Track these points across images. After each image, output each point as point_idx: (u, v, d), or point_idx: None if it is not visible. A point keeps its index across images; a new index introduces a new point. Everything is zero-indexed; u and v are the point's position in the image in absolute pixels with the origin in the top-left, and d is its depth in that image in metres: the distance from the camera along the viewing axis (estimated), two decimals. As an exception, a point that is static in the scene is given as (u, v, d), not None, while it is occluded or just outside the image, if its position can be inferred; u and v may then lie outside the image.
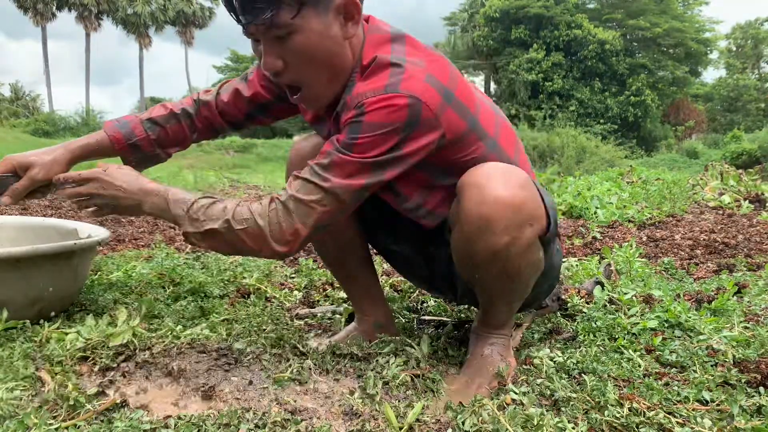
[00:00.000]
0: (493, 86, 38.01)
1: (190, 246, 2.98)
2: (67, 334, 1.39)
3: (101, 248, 2.74)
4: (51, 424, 0.94)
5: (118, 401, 1.07)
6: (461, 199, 1.21)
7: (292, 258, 2.89)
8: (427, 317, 1.86)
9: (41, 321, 1.50)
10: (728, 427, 1.09)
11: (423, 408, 1.16)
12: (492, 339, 1.40)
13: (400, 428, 1.06)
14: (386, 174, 1.18)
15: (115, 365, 1.33)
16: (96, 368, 1.31)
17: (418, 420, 1.11)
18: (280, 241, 1.19)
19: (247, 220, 1.19)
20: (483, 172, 1.20)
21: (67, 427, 0.94)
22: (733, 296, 1.94)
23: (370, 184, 1.18)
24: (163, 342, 1.43)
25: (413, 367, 1.35)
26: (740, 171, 7.60)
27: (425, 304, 2.00)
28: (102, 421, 1.00)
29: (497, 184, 1.17)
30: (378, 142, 1.15)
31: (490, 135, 1.30)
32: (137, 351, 1.39)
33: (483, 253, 1.21)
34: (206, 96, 1.55)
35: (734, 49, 40.58)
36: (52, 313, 1.58)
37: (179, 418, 1.04)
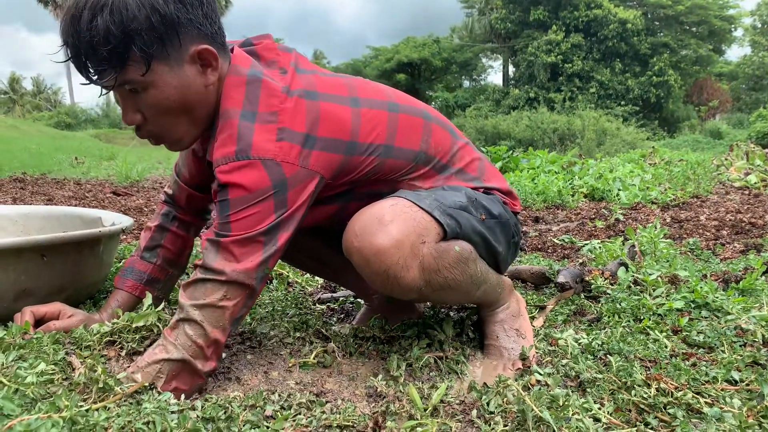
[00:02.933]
0: (511, 69, 37.59)
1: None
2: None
3: (125, 236, 2.78)
4: (82, 406, 0.96)
5: (146, 384, 1.08)
6: (354, 262, 1.16)
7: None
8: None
9: (69, 307, 1.52)
10: (758, 407, 1.07)
11: (447, 389, 1.16)
12: (498, 315, 1.40)
13: (425, 409, 1.06)
14: (279, 239, 1.13)
15: (141, 349, 1.35)
16: (123, 353, 1.32)
17: (442, 401, 1.11)
18: (205, 359, 1.12)
19: (164, 365, 1.10)
20: (351, 233, 1.14)
21: (97, 409, 0.96)
22: (761, 276, 1.91)
23: (269, 257, 1.13)
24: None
25: (436, 349, 1.35)
26: (767, 150, 7.44)
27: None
28: (131, 403, 1.01)
29: (366, 236, 1.11)
30: (255, 213, 1.10)
31: (380, 143, 1.24)
32: (163, 336, 1.40)
33: (405, 293, 1.18)
34: (171, 189, 1.52)
35: (759, 26, 39.51)
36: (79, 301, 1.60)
37: (206, 400, 1.05)
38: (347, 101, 1.22)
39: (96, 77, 1.10)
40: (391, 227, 1.11)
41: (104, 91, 1.13)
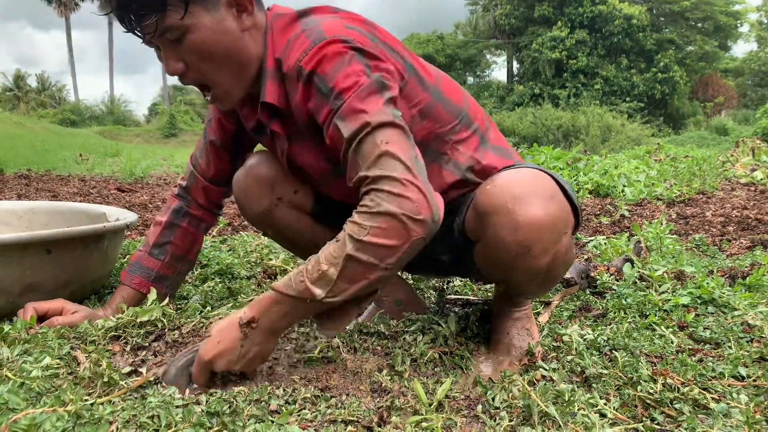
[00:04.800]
0: (515, 65, 37.49)
1: (216, 229, 3.01)
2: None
3: (129, 232, 2.79)
4: (86, 400, 0.96)
5: (151, 379, 1.08)
6: (489, 224, 1.12)
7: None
8: (452, 296, 1.85)
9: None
10: (765, 403, 1.07)
11: (452, 384, 1.16)
12: (515, 314, 1.38)
13: (430, 404, 1.06)
14: (391, 88, 1.10)
15: (146, 344, 1.35)
16: (128, 347, 1.33)
17: (447, 396, 1.11)
18: (414, 207, 1.00)
19: (366, 222, 1.01)
20: (507, 193, 1.10)
21: (102, 403, 0.96)
22: (768, 272, 1.90)
23: (388, 100, 1.08)
24: (192, 322, 1.44)
25: (441, 345, 1.35)
26: (773, 146, 7.41)
27: (450, 283, 1.99)
28: (136, 397, 1.01)
29: (528, 205, 1.08)
30: (350, 74, 1.07)
31: (431, 82, 1.24)
32: (167, 331, 1.40)
33: (522, 275, 1.17)
34: (186, 181, 1.53)
35: (765, 21, 39.28)
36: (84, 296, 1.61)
37: (210, 394, 1.05)
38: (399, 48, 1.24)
39: (138, 25, 1.11)
40: (551, 206, 1.09)
41: (146, 38, 1.13)
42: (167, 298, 1.47)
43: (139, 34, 1.13)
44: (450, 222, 1.30)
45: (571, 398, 1.05)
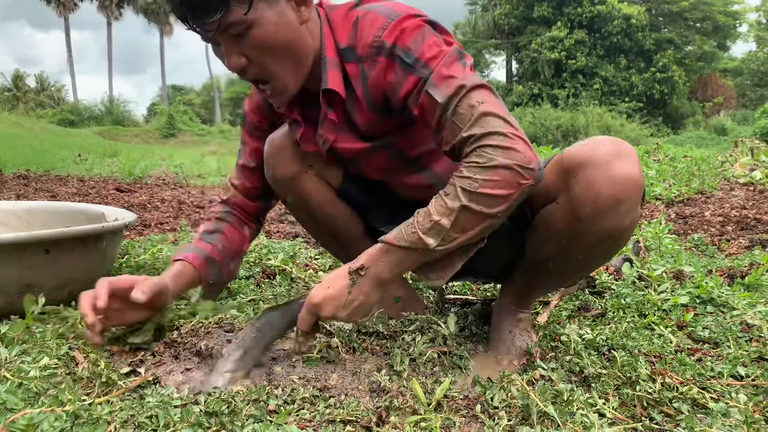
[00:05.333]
0: (514, 66, 37.51)
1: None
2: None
3: (128, 232, 2.78)
4: (85, 400, 0.96)
5: (149, 379, 1.08)
6: (580, 178, 1.14)
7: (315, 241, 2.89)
8: (451, 296, 1.85)
9: (72, 303, 1.52)
10: (764, 402, 1.07)
11: (451, 384, 1.16)
12: (519, 315, 1.39)
13: (428, 404, 1.06)
14: (466, 57, 1.15)
15: (144, 345, 1.35)
16: (126, 348, 1.33)
17: (446, 396, 1.11)
18: (523, 157, 1.04)
19: (478, 175, 1.05)
20: (600, 149, 1.13)
21: (100, 403, 0.96)
22: (767, 271, 1.90)
23: (471, 65, 1.14)
24: (191, 322, 1.44)
25: (440, 345, 1.34)
26: (772, 146, 7.41)
27: (449, 284, 1.99)
28: (134, 397, 1.01)
29: (623, 161, 1.11)
30: (433, 44, 1.13)
31: None
32: (166, 331, 1.40)
33: (599, 234, 1.16)
34: (226, 193, 1.56)
35: (764, 21, 39.30)
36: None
37: (209, 394, 1.05)
38: None
39: (201, 22, 1.10)
40: (639, 167, 1.13)
41: (209, 35, 1.13)
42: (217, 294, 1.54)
43: (201, 32, 1.13)
44: None
45: (570, 398, 1.04)
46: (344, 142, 1.31)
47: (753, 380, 1.17)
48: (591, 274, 1.90)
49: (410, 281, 1.91)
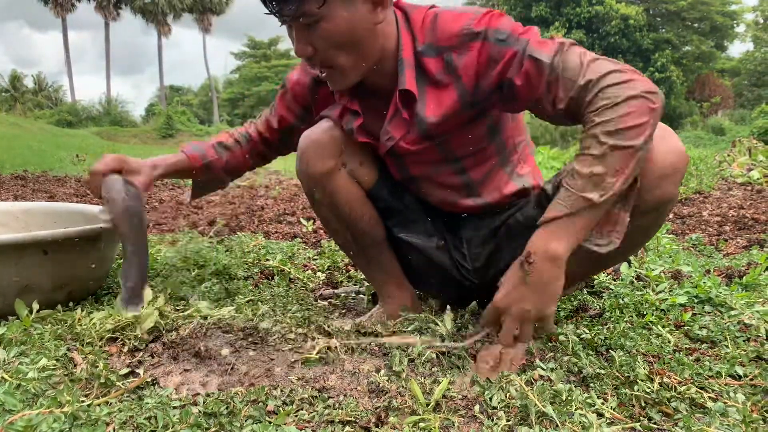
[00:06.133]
0: (512, 66, 37.49)
1: (213, 230, 3.01)
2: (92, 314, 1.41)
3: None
4: (83, 401, 0.95)
5: (148, 380, 1.08)
6: None
7: (314, 240, 2.90)
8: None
9: (70, 304, 1.52)
10: (762, 402, 1.07)
11: (449, 384, 1.16)
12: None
13: (427, 404, 1.06)
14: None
15: (143, 346, 1.35)
16: (125, 349, 1.32)
17: (444, 396, 1.11)
18: (643, 85, 1.11)
19: (609, 114, 1.10)
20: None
21: (99, 404, 0.96)
22: (765, 271, 1.90)
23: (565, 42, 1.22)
24: (190, 323, 1.44)
25: (438, 344, 1.34)
26: (769, 146, 7.42)
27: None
28: (133, 398, 1.01)
29: (673, 137, 1.19)
30: (518, 25, 1.21)
31: None
32: (165, 332, 1.40)
33: (653, 202, 1.21)
34: (246, 128, 1.69)
35: (762, 21, 39.35)
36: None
37: (207, 395, 1.05)
38: None
39: (279, 8, 1.16)
40: (682, 143, 1.21)
41: (283, 20, 1.20)
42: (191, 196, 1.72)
43: (279, 16, 1.18)
44: (492, 223, 1.46)
45: (569, 398, 1.05)
46: (406, 140, 1.36)
47: (751, 380, 1.17)
48: (589, 274, 1.90)
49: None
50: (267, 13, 1.19)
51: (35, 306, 1.41)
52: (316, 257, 2.40)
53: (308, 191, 1.52)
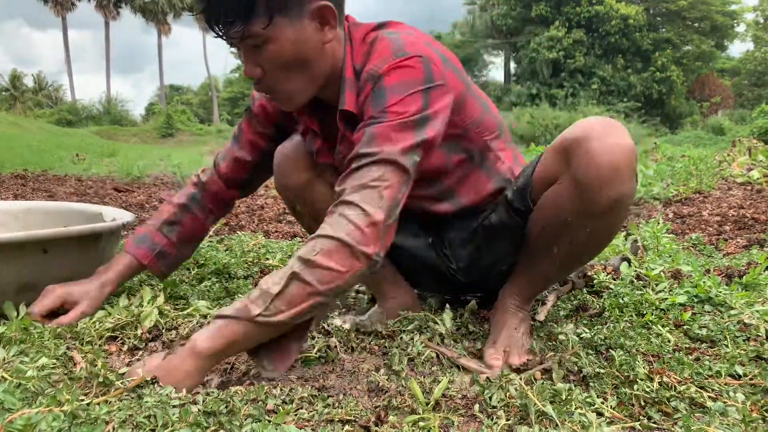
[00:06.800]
0: (513, 65, 37.51)
1: (213, 229, 3.00)
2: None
3: (126, 232, 2.78)
4: (83, 400, 0.95)
5: (147, 379, 1.08)
6: (579, 152, 1.17)
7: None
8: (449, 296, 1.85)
9: (70, 302, 1.52)
10: (762, 401, 1.07)
11: (449, 383, 1.16)
12: (520, 314, 1.40)
13: (427, 403, 1.06)
14: (428, 131, 1.16)
15: (142, 345, 1.35)
16: (124, 348, 1.33)
17: (444, 395, 1.11)
18: (364, 240, 1.08)
19: (317, 244, 1.08)
20: (594, 126, 1.17)
21: (98, 403, 0.95)
22: (765, 270, 1.90)
23: (419, 143, 1.15)
24: (190, 322, 1.44)
25: (438, 344, 1.35)
26: (769, 146, 7.42)
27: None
28: (132, 397, 1.01)
29: (617, 132, 1.16)
30: (408, 101, 1.15)
31: (480, 95, 1.37)
32: (164, 331, 1.40)
33: (605, 203, 1.18)
34: (206, 174, 1.59)
35: (762, 21, 39.33)
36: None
37: (207, 394, 1.05)
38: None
39: (224, 30, 1.16)
40: (630, 139, 1.16)
41: (232, 43, 1.19)
42: (161, 296, 1.49)
43: (225, 39, 1.17)
44: (471, 225, 1.43)
45: (569, 397, 1.05)
46: None
47: (751, 379, 1.17)
48: (589, 273, 1.90)
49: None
50: (215, 37, 1.18)
51: (22, 311, 1.41)
52: (315, 256, 2.40)
53: (289, 205, 1.53)
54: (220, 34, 1.16)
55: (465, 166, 1.38)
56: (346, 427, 0.98)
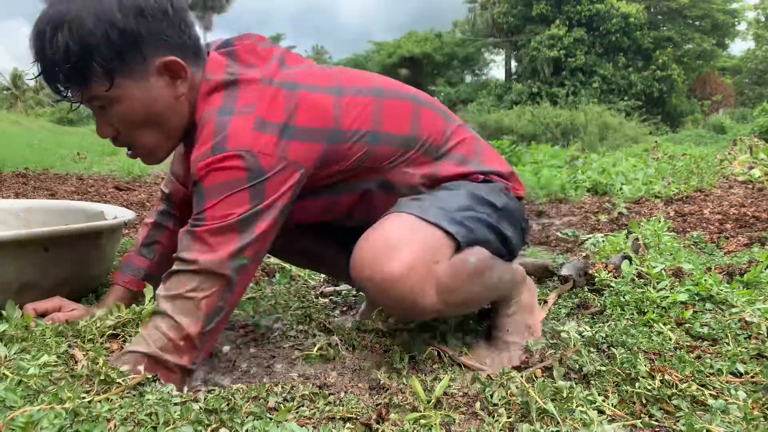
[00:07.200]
0: (514, 64, 37.49)
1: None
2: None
3: (127, 230, 2.78)
4: (84, 398, 0.95)
5: (149, 376, 1.08)
6: (366, 293, 1.15)
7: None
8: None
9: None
10: (763, 399, 1.07)
11: (450, 381, 1.16)
12: (510, 309, 1.38)
13: (428, 401, 1.06)
14: (256, 229, 1.10)
15: (144, 342, 1.35)
16: (126, 346, 1.32)
17: (445, 393, 1.11)
18: (178, 354, 1.09)
19: (137, 358, 1.08)
20: (357, 260, 1.10)
21: (100, 401, 0.96)
22: (766, 269, 1.90)
23: (244, 246, 1.09)
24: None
25: (439, 342, 1.35)
26: (770, 144, 7.41)
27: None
28: (134, 395, 1.01)
29: (378, 266, 1.07)
30: (229, 203, 1.08)
31: (366, 129, 1.21)
32: (166, 328, 1.40)
33: (424, 316, 1.17)
34: (167, 186, 1.53)
35: (763, 19, 39.26)
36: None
37: (209, 392, 1.05)
38: (330, 90, 1.20)
39: (63, 96, 1.12)
40: (402, 252, 1.07)
41: (74, 106, 1.15)
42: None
43: (68, 101, 1.13)
44: None
45: (570, 395, 1.05)
46: None
47: (752, 377, 1.17)
48: (590, 272, 1.90)
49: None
50: (59, 100, 1.14)
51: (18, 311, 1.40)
52: (316, 255, 2.40)
53: None
54: (63, 97, 1.12)
55: (370, 196, 1.29)
56: (347, 424, 0.98)
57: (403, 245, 1.08)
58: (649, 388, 1.10)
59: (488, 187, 1.30)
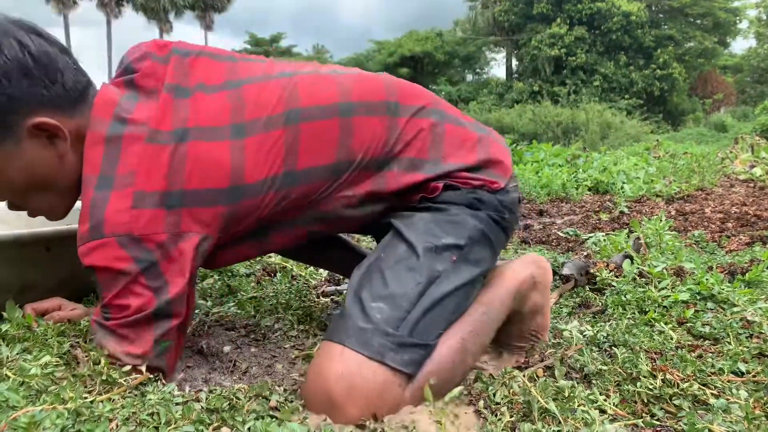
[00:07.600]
0: (515, 63, 37.47)
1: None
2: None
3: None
4: (86, 398, 0.96)
5: (150, 376, 1.08)
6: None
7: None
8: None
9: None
10: (765, 398, 1.07)
11: (452, 381, 1.16)
12: (518, 317, 1.37)
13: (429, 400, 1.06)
14: (171, 309, 1.03)
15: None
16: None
17: (447, 393, 1.11)
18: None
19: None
20: (306, 401, 1.03)
21: (102, 401, 0.96)
22: (767, 268, 1.90)
23: (164, 332, 1.04)
24: (193, 320, 1.44)
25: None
26: (772, 143, 7.41)
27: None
28: (135, 395, 1.01)
29: (324, 389, 0.99)
30: (128, 294, 1.01)
31: (277, 173, 1.07)
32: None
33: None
34: None
35: (765, 17, 39.19)
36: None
37: (210, 391, 1.05)
38: (227, 133, 1.04)
39: None
40: (348, 409, 0.97)
41: None
42: None
43: None
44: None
45: (571, 394, 1.05)
46: None
47: (754, 376, 1.17)
48: (591, 271, 1.90)
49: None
50: None
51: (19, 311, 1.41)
52: (318, 254, 2.40)
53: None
54: None
55: (315, 227, 1.20)
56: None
57: (346, 403, 0.97)
58: (650, 387, 1.10)
59: (447, 218, 1.14)
